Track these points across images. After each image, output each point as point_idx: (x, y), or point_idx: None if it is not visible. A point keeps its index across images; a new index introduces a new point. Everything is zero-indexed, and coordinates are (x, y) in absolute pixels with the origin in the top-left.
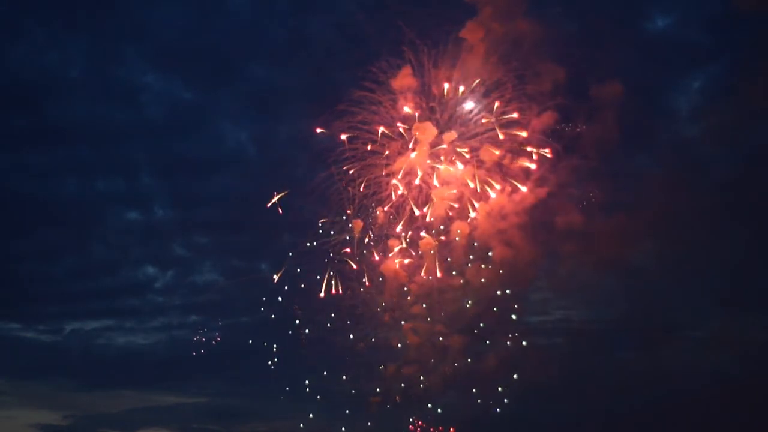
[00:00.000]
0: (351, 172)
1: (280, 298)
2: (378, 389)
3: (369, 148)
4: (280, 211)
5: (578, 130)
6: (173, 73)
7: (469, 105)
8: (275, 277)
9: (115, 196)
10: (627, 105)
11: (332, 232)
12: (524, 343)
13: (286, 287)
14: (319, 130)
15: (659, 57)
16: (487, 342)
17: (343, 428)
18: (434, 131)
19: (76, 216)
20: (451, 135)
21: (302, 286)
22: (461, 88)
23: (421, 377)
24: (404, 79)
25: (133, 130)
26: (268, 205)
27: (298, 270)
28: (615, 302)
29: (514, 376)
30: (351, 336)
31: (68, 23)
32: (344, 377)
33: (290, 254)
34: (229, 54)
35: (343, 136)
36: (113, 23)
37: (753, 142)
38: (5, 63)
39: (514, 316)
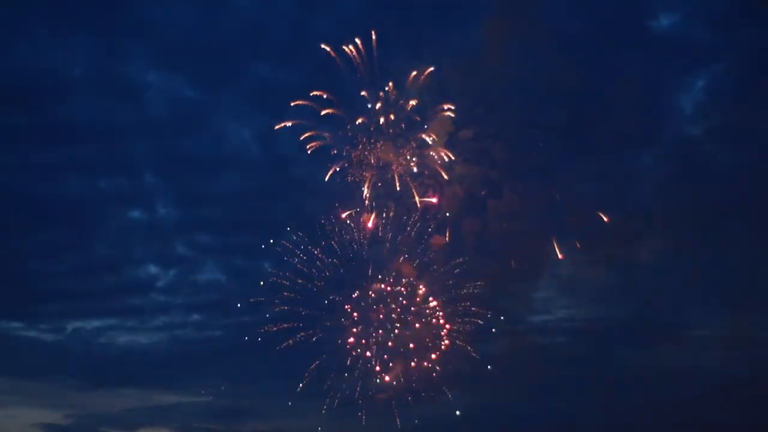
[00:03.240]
0: (362, 169)
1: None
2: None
3: (380, 145)
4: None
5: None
6: (176, 71)
7: None
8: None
9: (117, 195)
10: (632, 103)
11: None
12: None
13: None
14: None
15: (663, 55)
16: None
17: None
18: (450, 127)
19: (79, 215)
20: (467, 133)
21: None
22: None
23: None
24: (420, 79)
25: (135, 129)
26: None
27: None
28: (619, 301)
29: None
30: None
31: (71, 22)
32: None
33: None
34: (232, 52)
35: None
36: (116, 22)
37: (757, 141)
38: (8, 61)
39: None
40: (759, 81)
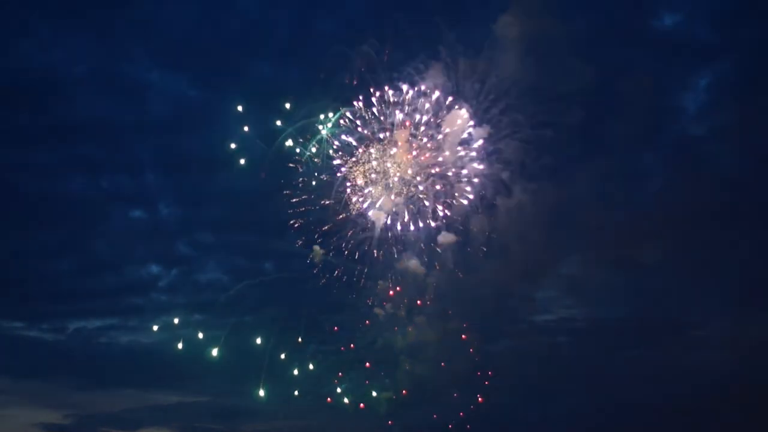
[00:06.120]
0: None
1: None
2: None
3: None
4: None
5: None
6: (178, 70)
7: None
8: None
9: (119, 194)
10: (636, 103)
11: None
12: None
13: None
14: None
15: (666, 54)
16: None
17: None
18: (465, 122)
19: (81, 214)
20: (484, 131)
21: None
22: None
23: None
24: (437, 77)
25: (138, 128)
26: None
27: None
28: (621, 301)
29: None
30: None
31: (73, 20)
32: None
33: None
34: (234, 51)
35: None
36: (119, 20)
37: (760, 141)
38: (10, 60)
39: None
40: (762, 79)
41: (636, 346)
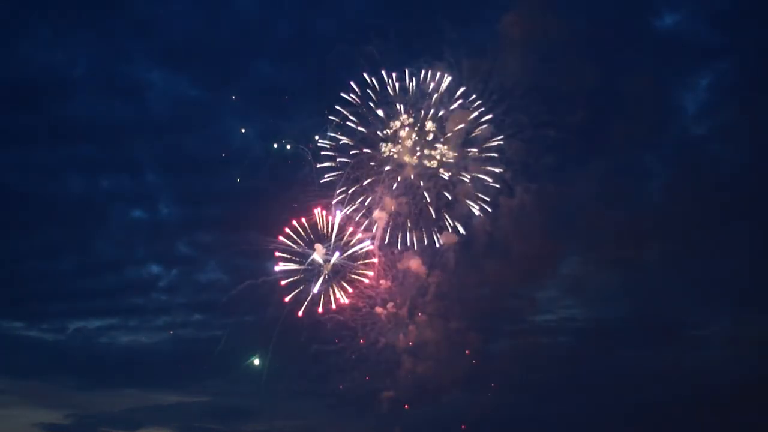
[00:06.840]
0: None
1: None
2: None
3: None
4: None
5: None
6: (179, 70)
7: None
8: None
9: (119, 194)
10: (637, 103)
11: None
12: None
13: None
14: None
15: (667, 54)
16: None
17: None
18: (467, 118)
19: (81, 214)
20: (485, 132)
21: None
22: None
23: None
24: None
25: (138, 128)
26: None
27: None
28: (621, 301)
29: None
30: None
31: (73, 20)
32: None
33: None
34: (235, 52)
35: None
36: (119, 21)
37: (760, 140)
38: (10, 60)
39: None
40: (762, 79)
41: (636, 346)
